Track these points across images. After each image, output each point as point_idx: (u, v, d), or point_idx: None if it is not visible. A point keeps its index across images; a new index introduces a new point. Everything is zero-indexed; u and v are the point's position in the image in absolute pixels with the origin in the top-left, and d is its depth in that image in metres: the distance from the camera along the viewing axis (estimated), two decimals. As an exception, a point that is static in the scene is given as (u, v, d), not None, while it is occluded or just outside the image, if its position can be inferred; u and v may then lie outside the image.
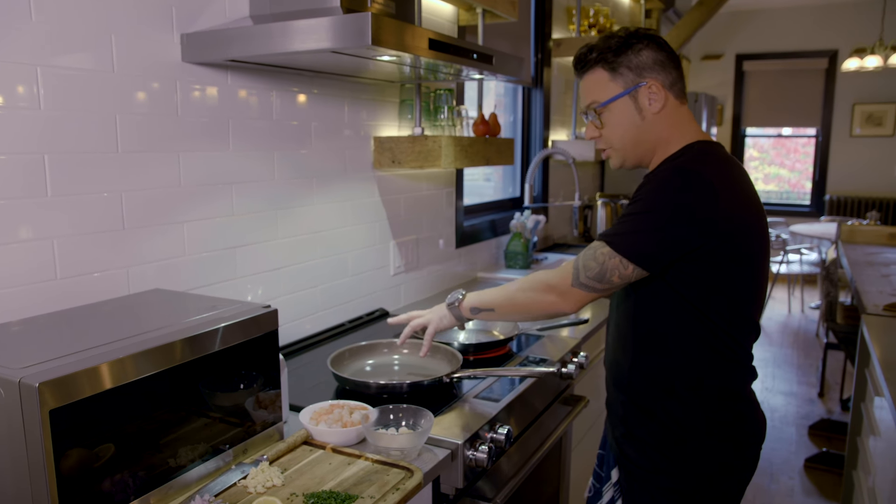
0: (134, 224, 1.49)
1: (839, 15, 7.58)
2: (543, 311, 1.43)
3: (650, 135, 1.43)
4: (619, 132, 1.45)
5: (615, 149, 1.48)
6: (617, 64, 1.40)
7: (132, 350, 1.06)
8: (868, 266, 3.56)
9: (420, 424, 1.34)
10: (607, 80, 1.42)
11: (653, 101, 1.40)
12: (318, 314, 2.07)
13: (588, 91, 1.46)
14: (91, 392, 0.99)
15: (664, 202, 1.30)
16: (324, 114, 2.00)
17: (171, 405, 1.13)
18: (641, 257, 1.31)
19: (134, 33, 1.45)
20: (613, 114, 1.43)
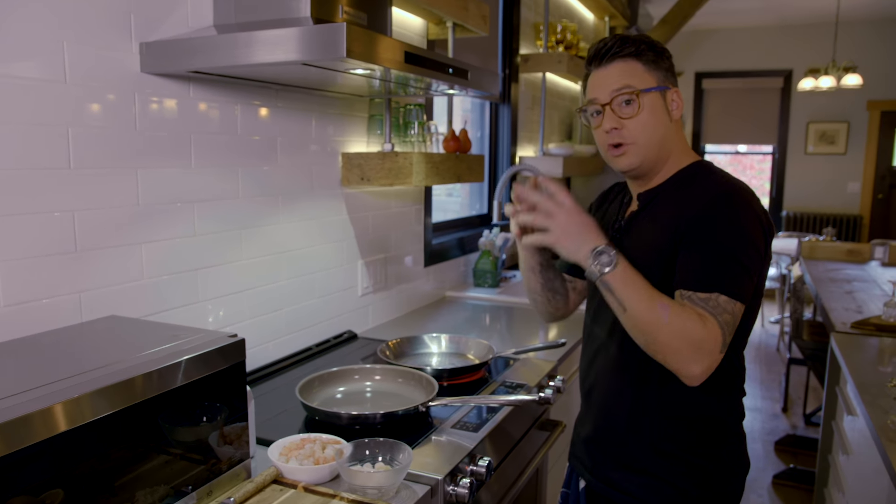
0: (87, 246, 1.38)
1: (794, 36, 7.78)
2: (674, 364, 1.20)
3: (671, 140, 1.37)
4: (649, 127, 1.33)
5: (639, 144, 1.33)
6: (655, 62, 1.33)
7: (86, 389, 0.95)
8: (831, 283, 3.59)
9: (398, 460, 1.26)
10: (643, 71, 1.32)
11: (675, 108, 1.35)
12: (283, 338, 1.97)
13: (619, 76, 1.33)
14: (39, 438, 0.89)
15: (752, 234, 1.24)
16: (290, 128, 1.91)
17: (128, 442, 1.03)
18: (747, 297, 1.24)
19: (88, 41, 1.35)
20: (645, 107, 1.32)
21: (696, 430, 1.35)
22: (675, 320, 1.18)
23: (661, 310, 1.19)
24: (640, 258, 1.31)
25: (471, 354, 1.97)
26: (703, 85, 8.21)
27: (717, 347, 1.19)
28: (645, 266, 1.29)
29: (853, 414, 2.23)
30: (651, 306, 1.19)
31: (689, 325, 1.17)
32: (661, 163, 1.38)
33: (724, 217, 1.25)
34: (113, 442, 1.01)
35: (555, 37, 3.76)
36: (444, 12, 2.22)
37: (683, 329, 1.17)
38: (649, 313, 1.19)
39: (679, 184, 1.37)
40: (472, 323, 2.56)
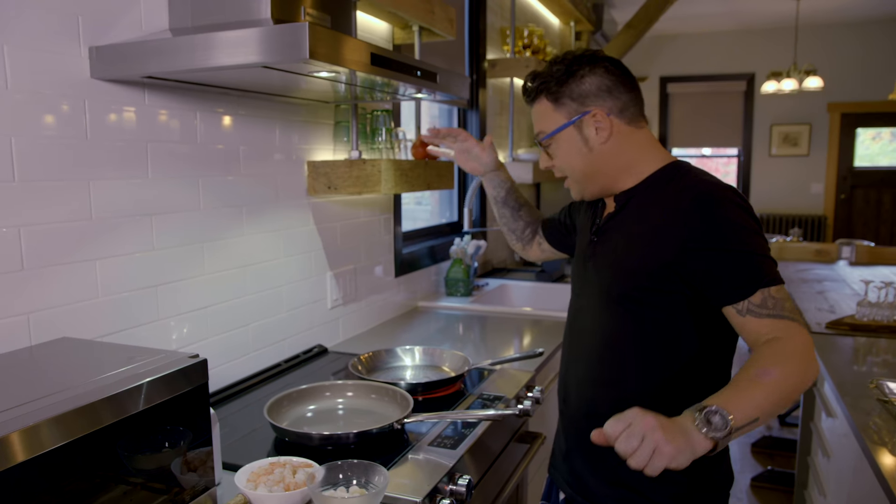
0: (36, 263, 1.29)
1: (756, 40, 7.89)
2: (808, 384, 1.15)
3: (603, 165, 1.36)
4: (568, 163, 1.39)
5: (573, 178, 1.42)
6: (559, 94, 1.35)
7: (37, 418, 0.87)
8: (802, 283, 3.60)
9: (374, 482, 1.19)
10: (551, 111, 1.37)
11: (599, 129, 1.33)
12: (250, 354, 1.89)
13: (535, 121, 1.42)
14: None
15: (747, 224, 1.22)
16: (253, 137, 1.84)
17: (83, 473, 0.95)
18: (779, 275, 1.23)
19: (32, 45, 1.26)
20: (560, 145, 1.38)
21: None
22: (780, 368, 1.09)
23: (767, 377, 1.08)
24: (617, 254, 1.32)
25: (446, 367, 1.91)
26: (667, 89, 8.28)
27: (808, 336, 1.16)
28: (624, 260, 1.31)
29: (832, 415, 2.21)
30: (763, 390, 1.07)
31: (789, 356, 1.11)
32: (609, 183, 1.38)
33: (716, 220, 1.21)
34: (67, 473, 0.93)
35: (521, 41, 3.73)
36: (410, 16, 2.16)
37: (790, 363, 1.11)
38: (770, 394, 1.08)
39: (657, 184, 1.34)
40: (446, 333, 2.49)
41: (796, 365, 1.11)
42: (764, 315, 1.17)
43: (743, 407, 1.05)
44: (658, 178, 1.34)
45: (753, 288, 1.18)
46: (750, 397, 1.07)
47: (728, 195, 1.24)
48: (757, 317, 1.17)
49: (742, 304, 1.18)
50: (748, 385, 1.08)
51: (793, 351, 1.13)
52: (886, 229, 7.77)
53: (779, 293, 1.18)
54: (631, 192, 1.36)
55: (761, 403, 1.07)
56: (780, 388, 1.09)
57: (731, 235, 1.20)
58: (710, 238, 1.21)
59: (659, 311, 1.28)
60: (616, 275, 1.33)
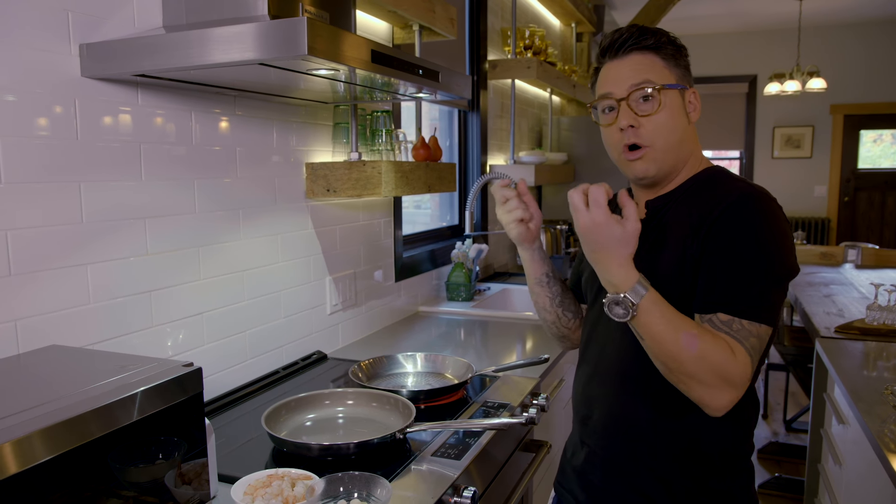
0: (24, 269, 1.24)
1: (757, 41, 7.85)
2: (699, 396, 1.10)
3: (688, 144, 1.26)
4: (668, 128, 1.21)
5: (656, 148, 1.22)
6: (674, 57, 1.23)
7: (23, 431, 0.83)
8: (809, 286, 3.56)
9: (375, 496, 1.15)
10: (662, 67, 1.22)
11: (692, 109, 1.25)
12: (248, 361, 1.84)
13: (638, 69, 1.21)
14: None
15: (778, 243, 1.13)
16: (250, 138, 1.79)
17: (72, 487, 0.90)
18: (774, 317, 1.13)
19: (19, 41, 1.22)
20: (665, 106, 1.20)
21: (709, 464, 1.23)
22: (703, 350, 1.06)
23: (688, 339, 1.07)
24: (643, 264, 1.19)
25: (448, 373, 1.86)
26: (668, 92, 8.23)
27: (746, 377, 1.08)
28: (651, 272, 1.18)
29: (844, 422, 2.16)
30: (676, 336, 1.07)
31: (718, 355, 1.06)
32: (677, 170, 1.27)
33: (744, 226, 1.12)
34: (55, 487, 0.88)
35: (523, 42, 3.68)
36: (411, 14, 2.12)
37: (712, 359, 1.06)
38: (674, 343, 1.07)
39: (692, 190, 1.25)
40: (447, 339, 2.45)
41: (709, 373, 1.06)
42: (722, 330, 1.10)
43: (647, 324, 1.08)
44: (696, 182, 1.26)
45: (734, 310, 1.10)
46: (661, 329, 1.07)
47: (777, 207, 1.17)
48: (714, 327, 1.10)
49: (711, 315, 1.11)
50: (676, 327, 1.07)
51: (722, 365, 1.06)
52: (890, 232, 7.73)
53: (752, 326, 1.09)
54: (665, 199, 1.27)
55: (656, 339, 1.08)
56: (678, 358, 1.07)
57: (754, 247, 1.12)
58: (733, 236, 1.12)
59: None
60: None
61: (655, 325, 1.08)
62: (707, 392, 1.08)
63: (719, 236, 1.13)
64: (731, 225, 1.13)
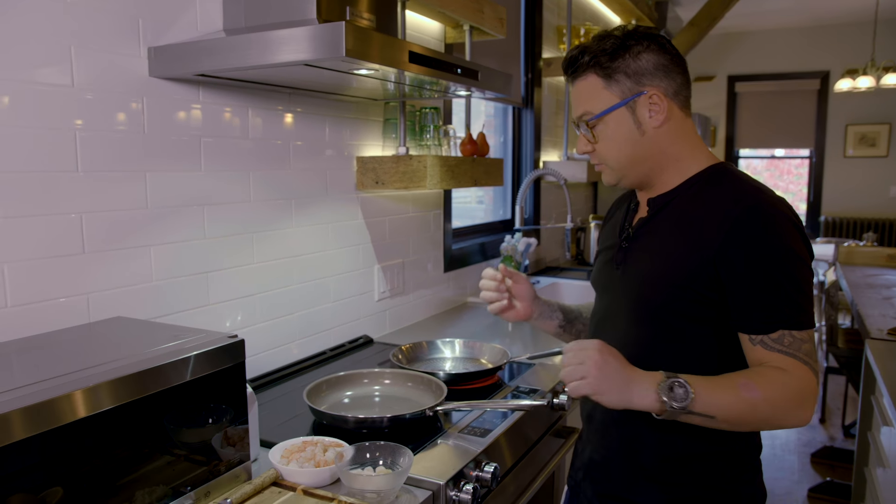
0: (95, 248, 1.39)
1: (830, 36, 7.59)
2: (786, 425, 1.13)
3: (652, 151, 1.25)
4: (614, 148, 1.25)
5: (610, 166, 1.28)
6: (612, 70, 1.21)
7: (77, 385, 0.96)
8: (868, 288, 3.48)
9: (399, 463, 1.24)
10: (601, 88, 1.23)
11: (654, 112, 1.22)
12: (296, 342, 1.96)
13: (580, 100, 1.27)
14: (32, 432, 0.89)
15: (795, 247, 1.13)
16: (303, 133, 1.91)
17: (129, 442, 1.04)
18: (813, 318, 1.16)
19: (96, 46, 1.36)
20: (608, 127, 1.24)
21: (710, 464, 1.25)
22: (766, 392, 1.09)
23: (747, 391, 1.09)
24: (652, 264, 1.24)
25: (484, 359, 1.94)
26: (735, 88, 8.06)
27: (813, 384, 1.11)
28: (659, 271, 1.22)
29: (889, 424, 2.14)
30: (737, 396, 1.09)
31: (780, 387, 1.09)
32: (656, 173, 1.28)
33: (766, 239, 1.13)
34: (114, 441, 1.01)
35: (578, 40, 3.71)
36: (459, 15, 2.20)
37: (779, 393, 1.09)
38: (741, 405, 1.09)
39: (696, 188, 1.25)
40: (495, 329, 2.52)
41: (783, 401, 1.10)
42: (775, 350, 1.12)
43: (709, 399, 1.08)
44: (700, 180, 1.25)
45: (775, 326, 1.12)
46: (721, 397, 1.09)
47: (781, 210, 1.15)
48: (767, 349, 1.13)
49: (760, 336, 1.14)
50: (727, 386, 1.10)
51: (788, 387, 1.10)
52: (971, 235, 7.37)
53: (801, 334, 1.12)
54: (668, 196, 1.28)
55: (725, 409, 1.09)
56: (753, 409, 1.09)
57: (773, 261, 1.12)
58: (749, 256, 1.13)
59: (693, 325, 1.21)
60: (650, 287, 1.25)
61: (716, 395, 1.09)
62: (793, 419, 1.11)
63: (737, 257, 1.14)
64: (749, 244, 1.13)
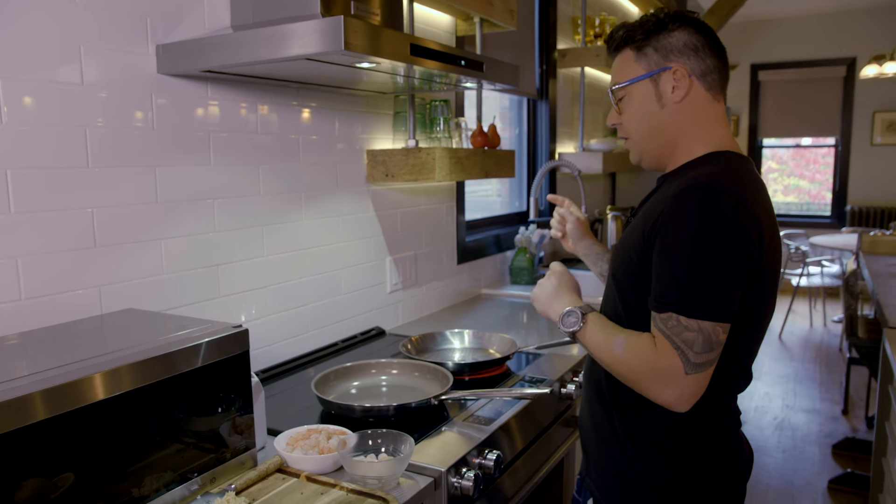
0: (106, 241, 1.43)
1: (855, 22, 7.45)
2: (647, 395, 1.17)
3: (669, 126, 1.28)
4: (635, 119, 1.31)
5: (633, 138, 1.34)
6: (643, 44, 1.27)
7: (95, 370, 1.01)
8: (891, 278, 3.42)
9: (400, 450, 1.26)
10: (631, 62, 1.29)
11: (676, 87, 1.25)
12: (308, 333, 1.99)
13: (613, 73, 1.34)
14: (52, 413, 0.94)
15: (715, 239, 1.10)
16: (313, 127, 1.94)
17: (140, 431, 1.08)
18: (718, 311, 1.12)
19: (105, 44, 1.40)
20: (632, 98, 1.30)
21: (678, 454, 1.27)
22: (629, 352, 1.18)
23: (617, 346, 1.20)
24: (624, 242, 1.29)
25: (493, 349, 1.96)
26: (759, 77, 7.95)
27: (677, 370, 1.11)
28: (622, 245, 1.29)
29: (904, 413, 2.12)
30: (608, 345, 1.22)
31: (642, 354, 1.16)
32: (667, 151, 1.31)
33: (684, 222, 1.12)
34: (126, 429, 1.06)
35: (593, 31, 3.70)
36: (468, 7, 2.21)
37: (638, 358, 1.16)
38: (607, 351, 1.22)
39: (682, 171, 1.28)
40: (509, 321, 2.53)
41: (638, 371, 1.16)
42: (658, 328, 1.14)
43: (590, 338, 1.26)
44: (692, 164, 1.28)
45: (664, 307, 1.13)
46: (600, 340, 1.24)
47: (722, 200, 1.11)
48: (655, 327, 1.15)
49: (654, 313, 1.16)
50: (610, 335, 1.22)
51: (648, 361, 1.14)
52: None
53: (688, 322, 1.10)
54: (664, 178, 1.33)
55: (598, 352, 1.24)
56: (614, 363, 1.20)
57: (677, 243, 1.12)
58: (663, 235, 1.15)
59: (633, 294, 1.25)
60: (616, 254, 1.32)
61: (596, 336, 1.25)
62: (647, 389, 1.16)
63: (660, 232, 1.15)
64: (669, 220, 1.14)
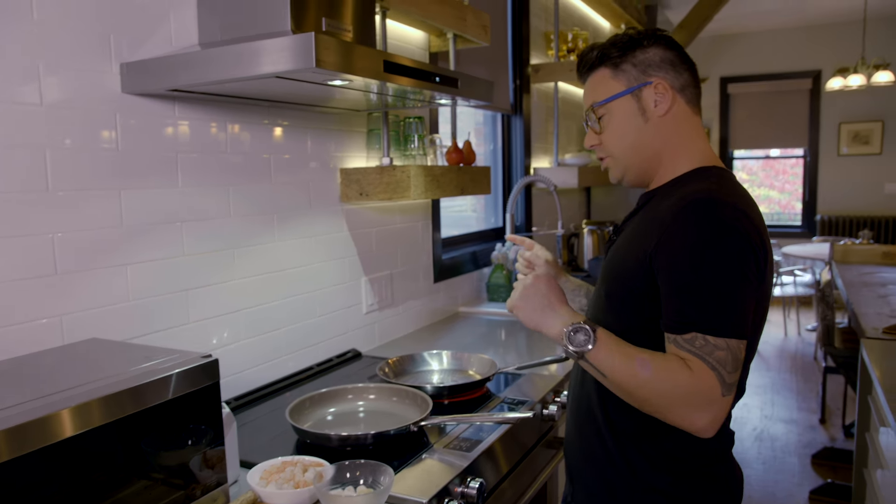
0: (68, 268, 1.37)
1: (821, 36, 7.59)
2: (670, 420, 1.10)
3: (654, 141, 1.26)
4: (617, 136, 1.28)
5: (614, 157, 1.31)
6: (620, 61, 1.26)
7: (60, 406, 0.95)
8: (864, 287, 3.45)
9: (380, 482, 1.21)
10: (609, 79, 1.27)
11: (659, 101, 1.24)
12: (282, 358, 1.93)
13: (589, 93, 1.32)
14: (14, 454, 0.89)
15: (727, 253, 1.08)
16: (285, 146, 1.89)
17: (106, 467, 1.02)
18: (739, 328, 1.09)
19: (65, 63, 1.34)
20: (613, 115, 1.27)
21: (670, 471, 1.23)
22: (658, 373, 1.08)
23: (641, 366, 1.09)
24: (615, 262, 1.25)
25: (473, 370, 1.91)
26: (728, 90, 8.05)
27: (714, 393, 1.06)
28: (614, 264, 1.25)
29: (887, 425, 2.11)
30: (629, 366, 1.10)
31: (674, 375, 1.07)
32: (653, 166, 1.29)
33: (689, 237, 1.10)
34: (91, 466, 1.00)
35: (566, 45, 3.71)
36: (441, 24, 2.19)
37: (669, 381, 1.07)
38: (627, 373, 1.11)
39: (665, 189, 1.27)
40: (487, 339, 2.49)
41: (669, 393, 1.07)
42: (685, 349, 1.08)
43: (605, 358, 1.13)
44: (678, 181, 1.26)
45: (687, 328, 1.08)
46: (617, 361, 1.12)
47: (724, 213, 1.10)
48: (679, 348, 1.09)
49: (674, 335, 1.10)
50: (628, 355, 1.12)
51: (681, 383, 1.06)
52: (969, 231, 7.34)
53: (716, 341, 1.07)
54: (651, 194, 1.30)
55: (615, 373, 1.12)
56: (638, 386, 1.10)
57: (692, 261, 1.08)
58: (672, 253, 1.11)
59: (630, 316, 1.21)
60: (606, 275, 1.28)
61: (613, 356, 1.12)
62: (677, 415, 1.08)
63: (665, 251, 1.12)
64: (673, 238, 1.11)
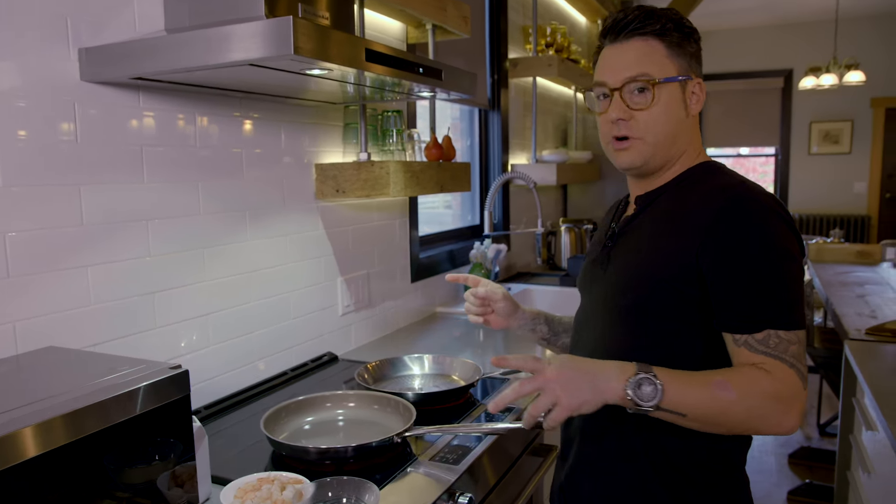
0: (22, 271, 1.26)
1: (793, 35, 7.66)
2: (765, 431, 1.04)
3: (684, 137, 1.20)
4: (661, 122, 1.16)
5: (646, 141, 1.18)
6: (678, 43, 1.16)
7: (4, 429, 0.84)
8: (842, 286, 3.45)
9: (364, 500, 1.13)
10: (664, 56, 1.15)
11: (694, 101, 1.19)
12: (255, 363, 1.84)
13: (635, 60, 1.16)
14: None
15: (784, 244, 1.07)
16: (257, 140, 1.79)
17: (65, 487, 0.92)
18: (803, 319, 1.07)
19: (15, 48, 1.23)
20: (661, 97, 1.16)
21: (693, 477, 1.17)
22: (742, 389, 1.01)
23: (721, 389, 1.01)
24: (634, 259, 1.18)
25: (456, 375, 1.83)
26: (702, 88, 8.09)
27: (798, 388, 1.02)
28: (641, 267, 1.16)
29: (873, 429, 2.08)
30: (709, 395, 1.02)
31: (757, 386, 1.01)
32: (670, 163, 1.22)
33: (745, 233, 1.07)
34: (48, 486, 0.90)
35: (544, 40, 3.64)
36: (421, 13, 2.10)
37: (756, 394, 1.01)
38: (711, 403, 1.02)
39: (684, 184, 1.20)
40: (464, 341, 2.42)
41: (761, 405, 1.02)
42: (760, 352, 1.04)
43: (679, 397, 1.02)
44: (688, 176, 1.21)
45: (760, 326, 1.04)
46: (692, 394, 1.02)
47: (769, 203, 1.09)
48: (752, 350, 1.05)
49: (745, 336, 1.06)
50: (701, 384, 1.03)
51: (768, 391, 1.01)
52: (935, 229, 7.48)
53: (788, 335, 1.04)
54: (656, 193, 1.23)
55: (696, 407, 1.02)
56: (726, 411, 1.02)
57: (757, 254, 1.06)
58: (731, 249, 1.07)
59: (674, 325, 1.14)
60: (630, 283, 1.19)
61: (686, 391, 1.03)
62: (771, 424, 1.02)
63: (718, 250, 1.08)
64: (726, 237, 1.07)
